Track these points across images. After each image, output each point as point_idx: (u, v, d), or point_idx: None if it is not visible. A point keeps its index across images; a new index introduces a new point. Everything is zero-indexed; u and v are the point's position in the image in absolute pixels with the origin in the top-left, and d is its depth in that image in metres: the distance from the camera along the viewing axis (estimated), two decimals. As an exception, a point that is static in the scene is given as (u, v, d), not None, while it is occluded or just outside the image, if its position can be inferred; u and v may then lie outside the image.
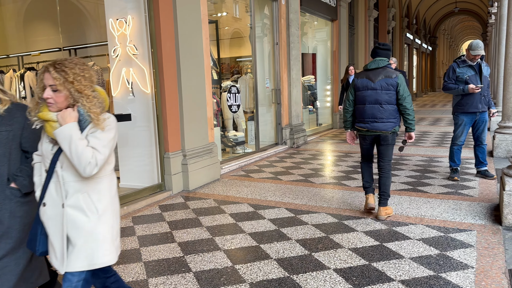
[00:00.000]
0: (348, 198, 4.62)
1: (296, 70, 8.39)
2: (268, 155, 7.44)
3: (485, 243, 3.27)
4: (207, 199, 4.78)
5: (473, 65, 4.98)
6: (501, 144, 6.44)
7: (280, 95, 8.10)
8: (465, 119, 5.07)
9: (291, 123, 8.33)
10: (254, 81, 7.45)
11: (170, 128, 5.04)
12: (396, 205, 4.28)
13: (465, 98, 5.01)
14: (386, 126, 3.80)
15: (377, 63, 3.86)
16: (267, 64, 8.28)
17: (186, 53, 5.16)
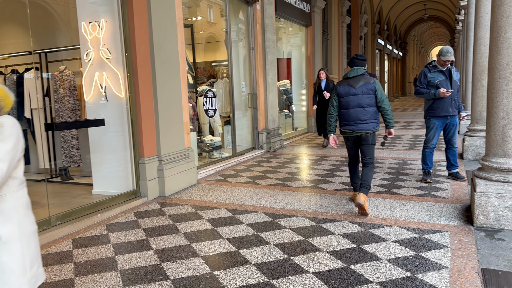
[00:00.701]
0: (325, 202, 4.65)
1: (272, 74, 8.43)
2: (245, 159, 7.42)
3: (458, 243, 3.35)
4: (184, 205, 4.72)
5: (444, 70, 5.13)
6: (470, 146, 6.64)
7: (257, 100, 8.11)
8: (436, 123, 5.21)
9: (268, 128, 8.35)
10: (230, 85, 7.43)
11: (145, 133, 4.96)
12: (372, 208, 4.34)
13: (436, 102, 5.15)
14: (369, 126, 4.29)
15: (356, 72, 4.38)
16: (243, 68, 8.27)
17: (161, 57, 5.10)
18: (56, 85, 5.92)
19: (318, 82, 8.27)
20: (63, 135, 6.00)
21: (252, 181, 5.75)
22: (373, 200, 4.61)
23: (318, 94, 8.31)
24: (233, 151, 7.47)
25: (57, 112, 5.90)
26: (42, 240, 3.71)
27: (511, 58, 3.47)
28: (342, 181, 5.58)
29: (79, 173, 6.23)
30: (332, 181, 5.60)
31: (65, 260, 3.35)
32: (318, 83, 8.25)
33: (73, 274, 3.09)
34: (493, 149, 3.69)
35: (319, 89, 8.23)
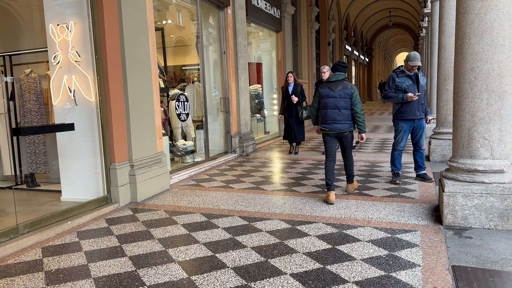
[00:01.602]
0: (299, 204, 4.69)
1: (244, 79, 8.45)
2: (218, 163, 7.39)
3: (429, 242, 3.46)
4: (157, 210, 4.65)
5: (411, 75, 5.32)
6: (436, 149, 6.89)
7: (229, 104, 8.10)
8: (404, 126, 5.38)
9: (240, 132, 8.35)
10: (202, 89, 7.39)
11: (116, 138, 4.86)
12: (345, 209, 4.43)
13: (404, 106, 5.32)
14: (343, 126, 4.79)
15: (337, 77, 4.90)
16: (215, 72, 8.25)
17: (132, 60, 5.02)
18: (22, 89, 5.70)
19: (286, 85, 8.05)
20: (29, 140, 5.78)
21: (226, 185, 5.74)
22: (346, 202, 4.70)
23: (286, 99, 8.01)
24: (206, 155, 7.43)
25: (22, 117, 5.68)
26: (10, 249, 3.55)
27: (475, 63, 3.63)
28: (315, 184, 5.65)
29: (46, 179, 6.00)
30: (306, 184, 5.66)
31: (35, 269, 3.21)
32: (286, 86, 8.03)
33: (44, 283, 2.97)
34: (459, 150, 3.85)
35: (287, 93, 7.98)
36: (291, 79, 7.99)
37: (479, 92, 3.65)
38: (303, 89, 8.08)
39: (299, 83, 8.03)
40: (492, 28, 3.54)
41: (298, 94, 7.88)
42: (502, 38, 3.53)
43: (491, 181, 3.66)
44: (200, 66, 7.39)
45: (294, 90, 7.93)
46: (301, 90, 7.95)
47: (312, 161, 7.45)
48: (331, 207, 4.51)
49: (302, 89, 7.99)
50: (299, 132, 8.02)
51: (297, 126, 7.97)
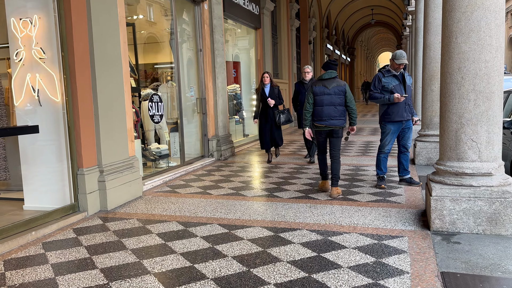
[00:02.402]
0: (281, 210, 4.72)
1: (221, 78, 8.45)
2: (194, 168, 7.36)
3: (417, 248, 3.54)
4: (130, 219, 4.60)
5: (397, 75, 5.43)
6: (422, 151, 7.05)
7: (206, 105, 8.08)
8: (392, 128, 5.48)
9: (218, 134, 8.34)
10: (176, 89, 7.34)
11: (85, 141, 4.78)
12: (329, 215, 4.48)
13: (391, 107, 5.42)
14: (339, 122, 5.23)
15: (329, 74, 5.33)
16: (190, 71, 8.22)
17: (102, 58, 4.96)
18: (-22, 87, 5.52)
19: (261, 87, 7.71)
20: (-14, 144, 5.60)
21: (203, 192, 5.73)
22: (330, 208, 4.75)
23: (261, 102, 7.68)
24: (181, 160, 7.38)
25: (-21, 119, 5.49)
26: (-36, 264, 3.42)
27: (462, 63, 3.75)
28: (298, 189, 5.70)
29: (6, 187, 5.83)
30: (288, 189, 5.70)
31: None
32: (261, 88, 7.70)
33: (5, 300, 2.88)
34: (447, 153, 3.96)
35: (262, 96, 7.64)
36: (267, 80, 7.66)
37: (466, 92, 3.77)
38: (280, 91, 7.90)
39: (275, 84, 7.77)
40: (479, 27, 3.67)
41: (275, 96, 7.61)
42: (489, 37, 3.65)
43: (479, 184, 3.77)
44: (175, 64, 7.34)
45: (271, 92, 7.62)
46: (278, 92, 7.66)
47: (294, 165, 7.50)
48: (315, 213, 4.56)
49: (279, 91, 7.80)
50: (277, 136, 7.80)
51: (275, 131, 7.73)
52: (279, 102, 7.69)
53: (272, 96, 7.59)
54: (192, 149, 8.14)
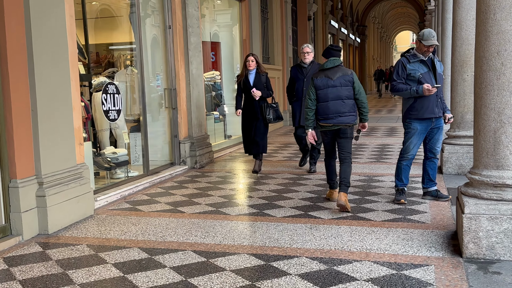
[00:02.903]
0: (274, 233, 4.72)
1: (196, 63, 8.44)
2: (162, 179, 7.35)
3: (446, 280, 3.56)
4: (78, 245, 4.56)
5: (425, 60, 5.44)
6: (451, 157, 7.12)
7: (176, 97, 8.06)
8: (419, 127, 5.48)
9: (192, 135, 8.32)
10: (138, 77, 7.31)
11: (19, 145, 4.74)
12: (335, 238, 4.49)
13: (418, 101, 5.42)
14: (349, 119, 5.41)
15: (332, 62, 5.48)
16: (156, 54, 8.17)
17: (42, 36, 4.92)
18: None
19: (245, 73, 7.50)
20: None
21: (174, 209, 5.72)
22: (336, 229, 4.77)
23: (244, 93, 7.52)
24: (144, 168, 7.35)
25: None
26: None
27: (503, 45, 3.79)
28: (295, 205, 5.71)
29: None
30: (282, 205, 5.70)
31: None
32: (245, 74, 7.49)
33: None
34: (483, 159, 3.99)
35: (245, 85, 7.46)
36: (252, 65, 7.43)
37: (507, 82, 3.80)
38: (269, 79, 7.70)
39: (263, 71, 7.56)
40: (523, 0, 3.71)
41: (262, 86, 7.42)
42: (535, 13, 3.70)
43: (524, 198, 3.81)
44: (136, 45, 7.31)
45: (257, 80, 7.42)
46: (266, 81, 7.49)
47: (289, 175, 7.51)
48: (317, 236, 4.56)
49: (268, 79, 7.62)
50: (262, 139, 7.48)
51: (260, 132, 7.45)
52: (268, 94, 7.47)
53: (258, 85, 7.39)
54: (158, 154, 8.09)
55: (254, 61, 7.48)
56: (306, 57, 7.39)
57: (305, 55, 7.41)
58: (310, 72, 7.15)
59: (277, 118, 7.55)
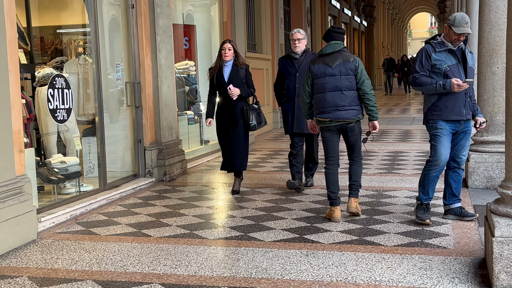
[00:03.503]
0: (262, 261, 4.72)
1: (166, 51, 8.44)
2: (123, 194, 7.35)
3: (473, 318, 3.58)
4: (17, 277, 4.52)
5: (455, 50, 5.45)
6: (478, 167, 7.16)
7: (141, 93, 8.04)
8: (446, 126, 5.48)
9: (160, 140, 8.31)
10: (94, 68, 7.27)
11: None
12: (337, 268, 4.49)
13: (443, 99, 5.43)
14: (349, 114, 5.65)
15: (333, 47, 5.69)
16: (116, 40, 8.14)
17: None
18: None
19: (219, 64, 7.29)
20: None
21: (137, 232, 5.71)
22: (338, 256, 4.77)
23: (219, 91, 7.33)
24: (101, 181, 7.32)
25: None
26: None
27: (541, 30, 3.82)
28: (288, 226, 5.71)
29: None
30: (272, 227, 5.72)
31: None
32: (219, 66, 7.28)
33: None
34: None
35: (219, 81, 7.23)
36: (228, 55, 7.18)
37: (547, 76, 3.83)
38: (250, 73, 7.41)
39: (243, 62, 7.34)
40: None
41: (241, 82, 7.20)
42: None
43: None
44: (90, 29, 7.27)
45: (234, 74, 7.21)
46: (246, 75, 7.27)
47: (280, 190, 7.53)
48: (315, 265, 4.56)
49: (249, 73, 7.35)
50: (240, 152, 7.26)
51: (239, 141, 7.26)
52: (248, 92, 7.25)
53: (235, 81, 7.16)
54: (118, 164, 8.08)
55: (231, 50, 7.21)
56: (297, 45, 7.22)
57: (295, 43, 7.22)
58: (304, 64, 7.06)
59: (260, 123, 7.35)
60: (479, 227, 5.46)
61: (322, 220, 5.91)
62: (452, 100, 5.41)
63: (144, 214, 6.39)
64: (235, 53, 7.29)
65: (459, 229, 5.44)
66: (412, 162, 9.44)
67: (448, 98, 5.41)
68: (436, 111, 5.47)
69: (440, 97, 5.44)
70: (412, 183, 7.60)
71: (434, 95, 5.48)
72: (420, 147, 10.98)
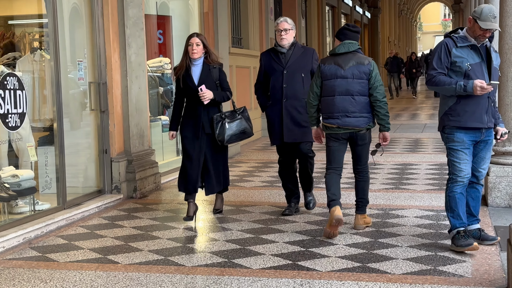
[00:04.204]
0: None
1: (137, 46, 8.43)
2: (85, 214, 7.32)
3: None
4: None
5: (478, 47, 5.44)
6: (499, 183, 7.17)
7: (107, 95, 8.02)
8: (465, 138, 5.48)
9: (130, 151, 8.29)
10: (52, 65, 7.24)
11: None
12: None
13: (462, 102, 5.41)
14: (358, 121, 5.97)
15: (347, 47, 5.99)
16: (77, 33, 8.11)
17: None
18: None
19: (186, 63, 7.04)
20: None
21: (103, 258, 5.69)
22: (338, 285, 4.77)
23: (186, 96, 7.09)
24: (60, 198, 7.29)
25: None
26: None
27: None
28: (280, 251, 5.72)
29: None
30: (260, 252, 5.72)
31: None
32: (186, 66, 7.04)
33: None
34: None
35: (186, 83, 6.99)
36: (197, 51, 6.93)
37: None
38: (224, 73, 7.29)
39: (214, 60, 7.11)
40: None
41: (214, 84, 7.00)
42: None
43: None
44: (48, 20, 7.26)
45: (204, 75, 7.01)
46: (220, 76, 7.09)
47: (270, 208, 7.54)
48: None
49: (223, 73, 7.19)
50: (218, 169, 7.13)
51: (215, 157, 7.08)
52: (222, 97, 7.09)
53: (207, 83, 6.93)
54: (80, 178, 8.06)
55: (200, 45, 6.95)
56: (284, 36, 6.95)
57: (281, 34, 6.95)
58: (293, 60, 6.94)
59: (241, 134, 7.13)
60: (501, 252, 5.47)
61: (319, 243, 5.91)
62: (472, 105, 5.39)
63: (110, 237, 6.36)
64: (205, 49, 7.05)
65: (478, 254, 5.44)
66: (423, 176, 9.46)
67: (468, 101, 5.39)
68: (454, 116, 5.46)
69: (459, 100, 5.43)
70: (423, 201, 7.64)
71: (452, 97, 5.47)
72: (432, 158, 11.04)
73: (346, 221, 6.33)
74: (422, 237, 6.01)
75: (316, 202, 7.35)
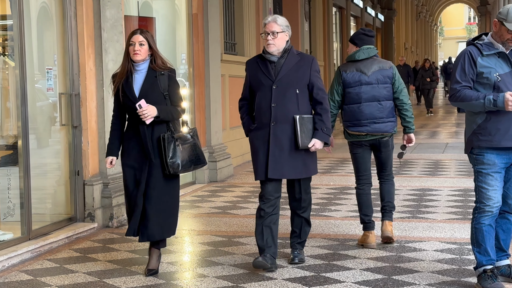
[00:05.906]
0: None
1: (115, 52, 8.45)
2: (53, 246, 7.32)
3: None
4: None
5: (507, 54, 5.44)
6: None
7: (80, 108, 8.02)
8: (497, 161, 5.46)
9: (106, 172, 8.28)
10: (17, 73, 7.26)
11: None
12: None
13: (493, 119, 5.37)
14: (387, 127, 6.63)
15: (367, 52, 6.64)
16: (46, 36, 8.12)
17: None
18: None
19: (127, 68, 6.23)
20: None
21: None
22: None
23: (127, 111, 6.28)
24: (24, 226, 7.28)
25: None
26: None
27: None
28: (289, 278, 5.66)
29: None
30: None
31: None
32: (126, 73, 6.25)
33: None
34: None
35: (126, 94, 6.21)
36: (140, 53, 6.15)
37: None
38: (177, 82, 6.39)
39: (163, 65, 6.31)
40: None
41: (160, 96, 6.20)
42: None
43: None
44: (13, 21, 7.28)
45: (148, 84, 6.24)
46: (169, 85, 6.28)
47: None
48: None
49: (174, 82, 6.37)
50: (162, 210, 6.21)
51: (159, 192, 6.18)
52: (172, 114, 6.28)
53: (151, 95, 6.18)
54: (48, 203, 8.10)
55: (144, 45, 6.19)
56: (271, 41, 6.18)
57: (267, 38, 6.19)
58: (285, 71, 6.24)
59: (197, 161, 6.39)
60: (533, 292, 5.49)
61: (323, 280, 5.90)
62: (505, 121, 5.35)
63: (82, 273, 6.33)
64: (150, 50, 6.29)
65: (509, 295, 5.47)
66: (445, 203, 9.46)
67: (500, 118, 5.35)
68: (484, 135, 5.41)
69: (489, 116, 5.37)
70: (445, 232, 7.64)
71: (480, 114, 5.42)
72: (455, 183, 11.01)
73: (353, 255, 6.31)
74: (443, 274, 6.01)
75: (304, 261, 6.52)
